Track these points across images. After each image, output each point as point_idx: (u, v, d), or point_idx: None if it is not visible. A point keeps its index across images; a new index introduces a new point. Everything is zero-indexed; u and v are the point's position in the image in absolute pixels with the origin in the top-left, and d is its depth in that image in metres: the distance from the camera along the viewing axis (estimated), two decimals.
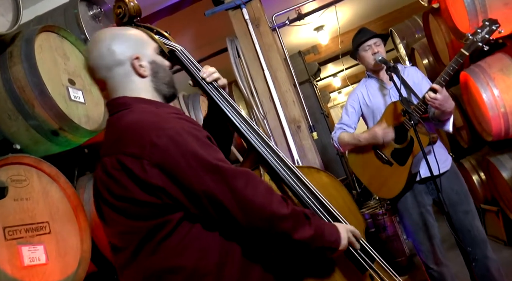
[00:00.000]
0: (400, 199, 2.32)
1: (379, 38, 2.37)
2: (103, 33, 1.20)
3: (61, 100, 1.81)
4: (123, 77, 1.16)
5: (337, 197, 1.42)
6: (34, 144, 1.81)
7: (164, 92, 1.22)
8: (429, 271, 2.25)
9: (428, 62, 3.86)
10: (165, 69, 1.24)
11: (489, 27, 1.97)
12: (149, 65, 1.19)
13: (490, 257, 2.14)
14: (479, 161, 3.60)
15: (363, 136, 2.32)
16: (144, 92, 1.18)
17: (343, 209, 1.41)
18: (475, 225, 2.18)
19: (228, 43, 2.93)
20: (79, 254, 1.61)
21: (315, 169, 1.48)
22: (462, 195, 2.22)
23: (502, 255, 3.18)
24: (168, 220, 1.03)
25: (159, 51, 1.26)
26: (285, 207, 1.06)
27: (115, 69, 1.16)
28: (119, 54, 1.15)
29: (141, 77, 1.18)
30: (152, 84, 1.19)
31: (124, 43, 1.17)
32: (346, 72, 7.35)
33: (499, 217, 3.41)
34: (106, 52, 1.15)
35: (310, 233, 1.09)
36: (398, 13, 5.30)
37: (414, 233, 2.28)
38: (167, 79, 1.23)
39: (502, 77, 2.54)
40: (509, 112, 2.53)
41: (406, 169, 2.20)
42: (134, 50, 1.18)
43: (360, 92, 2.47)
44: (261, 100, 2.85)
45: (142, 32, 1.27)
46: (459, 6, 2.40)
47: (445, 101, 2.01)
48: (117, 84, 1.17)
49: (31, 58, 1.76)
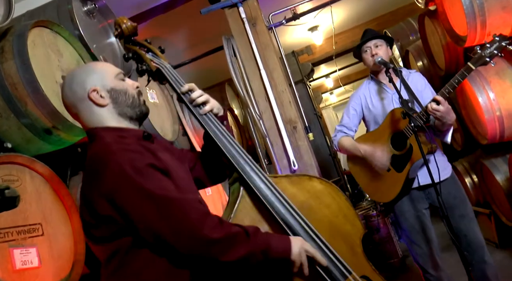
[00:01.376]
0: (396, 203, 2.31)
1: (380, 39, 2.35)
2: (68, 75, 1.35)
3: (55, 98, 1.75)
4: (87, 110, 1.28)
5: (330, 204, 1.40)
6: (26, 143, 1.76)
7: (130, 114, 1.31)
8: (426, 276, 2.25)
9: (423, 64, 3.88)
10: (126, 92, 1.31)
11: (499, 42, 1.93)
12: (108, 93, 1.28)
13: (487, 261, 2.15)
14: (472, 164, 3.62)
15: (364, 149, 2.32)
16: (109, 120, 1.28)
17: (336, 217, 1.39)
18: (472, 229, 2.17)
19: (224, 42, 2.89)
20: (73, 257, 1.57)
21: (307, 177, 1.45)
22: (459, 199, 2.21)
23: (495, 258, 3.18)
24: (120, 244, 1.14)
25: (120, 76, 1.33)
26: (217, 231, 1.11)
27: (79, 105, 1.28)
28: (78, 92, 1.28)
29: (102, 106, 1.27)
30: (115, 111, 1.29)
31: (81, 80, 1.28)
32: (339, 73, 7.36)
33: (491, 220, 3.43)
34: (69, 93, 1.29)
35: (244, 251, 1.14)
36: (392, 15, 5.30)
37: (411, 237, 2.28)
38: (129, 101, 1.31)
39: (498, 81, 2.55)
40: (505, 116, 2.54)
41: (403, 176, 2.20)
42: (91, 83, 1.28)
43: (363, 95, 2.45)
44: (257, 100, 2.82)
45: (102, 63, 1.41)
46: (457, 9, 2.40)
47: (446, 113, 2.00)
48: (85, 117, 1.29)
49: (23, 54, 1.70)
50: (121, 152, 1.16)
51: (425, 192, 2.28)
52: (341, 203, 1.41)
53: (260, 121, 2.77)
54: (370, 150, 2.30)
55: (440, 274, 2.21)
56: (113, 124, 1.28)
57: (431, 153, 2.10)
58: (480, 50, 1.96)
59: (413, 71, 2.48)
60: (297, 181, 1.39)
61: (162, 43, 2.44)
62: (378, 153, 2.26)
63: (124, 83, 1.33)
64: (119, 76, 1.33)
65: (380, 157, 2.25)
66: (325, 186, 1.42)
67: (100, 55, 2.24)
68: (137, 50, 1.50)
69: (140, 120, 1.35)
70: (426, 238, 2.23)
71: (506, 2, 2.20)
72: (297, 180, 1.40)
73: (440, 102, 1.97)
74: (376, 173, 2.33)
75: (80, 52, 2.08)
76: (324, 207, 1.38)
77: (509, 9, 2.19)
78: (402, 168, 2.20)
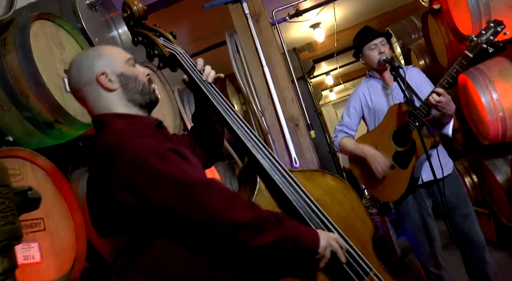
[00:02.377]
0: (401, 203, 2.30)
1: (384, 37, 2.34)
2: (75, 57, 1.28)
3: (57, 92, 1.74)
4: (94, 94, 1.22)
5: (343, 201, 1.38)
6: (27, 136, 1.74)
7: (139, 101, 1.25)
8: (429, 275, 2.25)
9: (425, 63, 3.87)
10: (137, 79, 1.26)
11: (494, 28, 1.92)
12: (117, 78, 1.23)
13: (488, 261, 2.15)
14: (472, 163, 3.62)
15: (368, 150, 2.27)
16: (117, 106, 1.22)
17: (348, 213, 1.38)
18: (474, 229, 2.17)
19: (227, 37, 2.87)
20: (74, 252, 1.56)
21: (320, 172, 1.43)
22: (461, 199, 2.21)
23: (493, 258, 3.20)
24: (135, 235, 1.08)
25: (130, 62, 1.28)
26: (247, 214, 1.07)
27: (86, 88, 1.22)
28: (85, 74, 1.22)
29: (110, 91, 1.22)
30: (124, 96, 1.23)
31: (90, 62, 1.23)
32: (339, 70, 7.34)
33: (490, 219, 3.43)
34: (76, 75, 1.23)
35: (275, 236, 1.09)
36: (394, 13, 5.29)
37: (414, 236, 2.27)
38: (139, 88, 1.25)
39: (501, 81, 2.54)
40: (507, 117, 2.54)
41: (408, 172, 2.18)
42: (100, 66, 1.22)
43: (362, 93, 2.43)
44: (259, 96, 2.80)
45: (112, 48, 1.31)
46: (462, 8, 2.39)
47: (447, 103, 1.99)
48: (92, 101, 1.23)
49: (26, 46, 1.68)
50: (136, 139, 1.10)
51: (429, 190, 2.27)
52: (353, 200, 1.40)
53: (262, 117, 2.76)
54: (373, 153, 2.25)
55: (442, 273, 2.21)
56: (122, 111, 1.22)
57: (434, 147, 2.08)
58: (476, 38, 1.94)
59: (410, 66, 2.47)
60: (311, 176, 1.37)
61: None
62: (379, 158, 2.23)
63: (134, 69, 1.27)
64: (130, 62, 1.27)
65: (382, 163, 2.21)
66: (337, 183, 1.40)
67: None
68: (148, 34, 1.43)
69: (149, 108, 1.30)
70: (429, 238, 2.23)
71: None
72: (311, 175, 1.38)
73: (441, 94, 1.96)
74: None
75: (82, 45, 2.06)
76: (338, 204, 1.36)
77: None
78: (407, 165, 2.18)
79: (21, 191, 0.51)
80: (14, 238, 0.47)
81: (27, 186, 0.51)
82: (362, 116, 2.47)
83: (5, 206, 0.46)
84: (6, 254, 0.46)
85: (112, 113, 1.21)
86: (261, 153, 1.31)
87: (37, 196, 0.53)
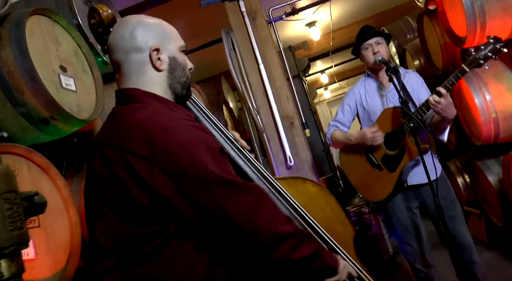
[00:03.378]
0: (388, 203, 2.33)
1: (381, 37, 2.35)
2: (131, 17, 1.17)
3: (53, 88, 1.73)
4: (138, 65, 1.13)
5: (325, 207, 1.42)
6: (22, 133, 1.73)
7: (177, 91, 1.18)
8: (417, 273, 2.28)
9: (420, 63, 3.89)
10: (184, 69, 1.19)
11: (493, 45, 1.91)
12: (168, 60, 1.15)
13: (476, 261, 2.18)
14: (465, 164, 3.66)
15: (354, 135, 2.32)
16: (157, 87, 1.14)
17: (331, 219, 1.41)
18: (461, 230, 2.20)
19: (223, 35, 2.87)
20: (69, 249, 1.55)
21: (301, 179, 1.47)
22: (449, 200, 2.24)
23: (483, 257, 3.23)
24: (162, 229, 1.00)
25: (183, 49, 1.21)
26: (288, 225, 1.04)
27: (132, 54, 1.12)
28: (140, 41, 1.12)
29: (157, 70, 1.14)
30: (167, 80, 1.15)
31: (148, 32, 1.13)
32: (334, 68, 7.36)
33: (481, 219, 3.47)
34: (127, 36, 1.12)
35: (311, 249, 1.05)
36: (390, 13, 5.31)
37: (402, 236, 2.30)
38: (183, 79, 1.18)
39: (495, 83, 2.57)
40: (500, 118, 2.56)
41: (396, 175, 2.21)
42: (156, 41, 1.14)
43: (358, 92, 2.45)
44: (255, 94, 2.81)
45: (172, 27, 1.22)
46: (457, 10, 2.40)
47: (447, 107, 1.96)
48: (131, 71, 1.13)
49: (21, 42, 1.67)
50: (189, 128, 1.03)
51: (415, 192, 2.31)
52: (333, 206, 1.43)
53: (257, 115, 2.77)
54: (359, 133, 2.29)
55: (430, 271, 2.24)
56: (160, 94, 1.13)
57: (425, 152, 2.11)
58: (474, 52, 1.94)
59: (410, 70, 2.48)
60: (293, 183, 1.40)
61: None
62: (366, 130, 2.25)
63: (185, 58, 1.20)
64: (183, 48, 1.20)
65: (371, 132, 2.22)
66: (318, 189, 1.44)
67: (98, 45, 2.21)
68: None
69: (181, 102, 1.22)
70: (417, 237, 2.26)
71: (507, 4, 2.21)
72: (293, 183, 1.41)
73: (443, 95, 1.95)
74: (368, 172, 2.34)
75: (78, 41, 2.05)
76: (321, 210, 1.39)
77: (510, 11, 2.21)
78: (395, 168, 2.22)
79: (28, 196, 0.51)
80: (21, 243, 0.47)
81: (33, 191, 0.51)
82: (357, 114, 2.49)
83: (13, 211, 0.46)
84: (14, 259, 0.47)
85: (150, 92, 1.12)
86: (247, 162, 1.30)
87: (43, 201, 0.53)
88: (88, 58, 2.07)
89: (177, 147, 0.97)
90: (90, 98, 2.01)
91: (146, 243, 1.01)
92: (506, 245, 3.27)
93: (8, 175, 0.49)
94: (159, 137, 0.98)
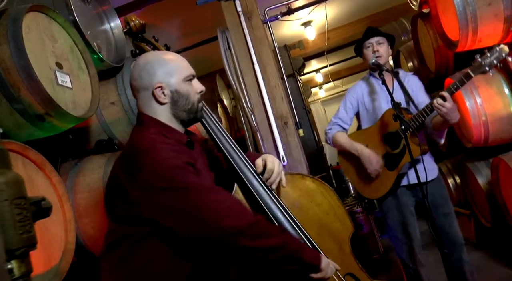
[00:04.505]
0: (384, 200, 2.37)
1: (383, 37, 2.37)
2: (142, 57, 1.40)
3: (49, 85, 1.74)
4: (146, 100, 1.36)
5: (322, 202, 1.44)
6: (18, 129, 1.74)
7: (182, 118, 1.37)
8: (407, 270, 2.32)
9: (413, 65, 3.93)
10: (188, 98, 1.36)
11: (498, 53, 1.95)
12: (171, 93, 1.34)
13: (465, 260, 2.23)
14: (456, 165, 3.71)
15: (361, 150, 2.34)
16: (161, 116, 1.35)
17: (327, 214, 1.44)
18: (454, 227, 2.26)
19: (219, 34, 2.88)
20: (63, 245, 1.57)
21: (300, 175, 1.49)
22: (444, 199, 2.29)
23: (471, 257, 3.27)
24: (141, 230, 1.21)
25: (189, 78, 1.38)
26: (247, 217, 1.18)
27: (141, 92, 1.36)
28: (145, 81, 1.34)
29: (160, 104, 1.34)
30: (170, 111, 1.36)
31: (152, 71, 1.34)
32: (329, 68, 7.39)
33: (470, 220, 3.53)
34: (137, 77, 1.36)
35: (279, 240, 1.18)
36: (385, 14, 5.34)
37: (395, 233, 2.34)
38: (187, 107, 1.37)
39: (485, 86, 2.61)
40: (490, 121, 2.61)
41: (395, 174, 2.25)
42: (159, 78, 1.33)
43: (361, 90, 2.48)
44: (249, 94, 2.83)
45: (177, 60, 1.39)
46: (451, 14, 2.44)
47: (452, 111, 2.01)
48: (142, 104, 1.38)
49: (18, 39, 1.67)
50: (164, 151, 1.22)
51: (413, 191, 2.35)
52: (332, 202, 1.45)
53: (251, 115, 2.79)
54: (367, 153, 2.32)
55: (419, 269, 2.29)
56: (165, 122, 1.35)
57: (424, 153, 2.15)
58: (480, 59, 1.97)
59: (410, 73, 2.52)
60: (290, 179, 1.42)
61: (155, 31, 2.43)
62: (373, 158, 2.29)
63: (189, 88, 1.37)
64: (188, 78, 1.38)
65: (375, 163, 2.28)
66: (317, 185, 1.46)
67: (94, 42, 2.22)
68: (143, 47, 1.59)
69: (189, 124, 1.42)
70: (410, 236, 2.30)
71: (498, 10, 2.25)
72: (290, 179, 1.43)
73: (446, 99, 1.98)
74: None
75: (74, 38, 2.05)
76: (315, 206, 1.42)
77: (501, 17, 2.24)
78: (394, 167, 2.25)
79: (36, 201, 0.54)
80: (30, 246, 0.51)
81: (40, 197, 0.54)
82: (357, 112, 2.52)
83: (23, 216, 0.50)
84: (23, 260, 0.50)
85: (154, 118, 1.35)
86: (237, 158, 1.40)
87: (48, 205, 0.56)
88: (84, 55, 2.08)
89: (146, 166, 1.18)
90: (86, 95, 2.02)
91: (125, 240, 1.23)
92: (494, 245, 3.33)
93: (18, 182, 0.52)
94: (137, 158, 1.22)
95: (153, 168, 1.17)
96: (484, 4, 2.22)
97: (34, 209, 0.54)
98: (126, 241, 1.23)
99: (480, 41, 2.38)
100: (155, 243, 1.21)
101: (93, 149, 2.27)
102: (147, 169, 1.17)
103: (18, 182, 0.51)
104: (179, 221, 1.16)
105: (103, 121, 2.34)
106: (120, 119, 2.33)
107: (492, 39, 2.38)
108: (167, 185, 1.16)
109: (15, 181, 0.51)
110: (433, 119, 2.18)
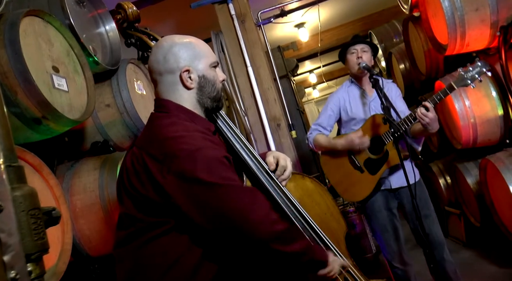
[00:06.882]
0: (367, 203, 2.42)
1: (367, 45, 2.43)
2: (165, 40, 1.31)
3: (45, 88, 1.77)
4: (171, 84, 1.28)
5: (320, 202, 1.49)
6: (14, 132, 1.76)
7: (207, 105, 1.31)
8: (394, 270, 2.38)
9: (405, 67, 3.99)
10: (214, 84, 1.30)
11: (480, 68, 2.06)
12: (198, 78, 1.28)
13: (446, 259, 2.28)
14: (447, 166, 3.77)
15: (340, 142, 2.39)
16: (187, 102, 1.28)
17: (326, 214, 1.48)
18: (434, 229, 2.31)
19: (212, 36, 2.92)
20: (60, 246, 1.60)
21: (300, 175, 1.53)
22: (423, 201, 2.34)
23: (461, 256, 3.37)
24: (164, 222, 1.15)
25: (214, 65, 1.32)
26: (280, 223, 1.14)
27: (166, 75, 1.28)
28: (171, 64, 1.26)
29: (187, 88, 1.27)
30: (196, 97, 1.29)
31: (179, 54, 1.27)
32: (322, 69, 7.45)
33: (460, 219, 3.59)
34: (161, 59, 1.27)
35: (301, 245, 1.17)
36: (378, 16, 5.41)
37: (381, 235, 2.40)
38: (213, 94, 1.30)
39: (474, 90, 2.66)
40: (478, 123, 2.67)
41: (376, 178, 2.31)
42: (186, 62, 1.26)
43: (343, 98, 2.53)
44: (243, 96, 2.88)
45: (203, 44, 1.33)
46: (440, 19, 2.50)
47: (433, 121, 2.09)
48: (165, 89, 1.29)
49: (15, 43, 1.70)
50: (199, 139, 1.16)
51: (395, 193, 2.41)
52: (328, 201, 1.50)
53: (245, 117, 2.83)
54: (346, 139, 2.36)
55: (406, 269, 2.35)
56: (190, 108, 1.28)
57: (405, 159, 2.21)
58: (463, 72, 2.09)
59: (389, 81, 2.58)
60: (292, 179, 1.46)
61: None
62: (353, 136, 2.32)
63: (215, 74, 1.31)
64: (214, 64, 1.32)
65: (359, 138, 2.30)
66: (315, 185, 1.51)
67: (89, 45, 2.25)
68: (142, 37, 1.50)
69: (212, 113, 1.35)
70: (394, 237, 2.36)
71: (485, 15, 2.30)
72: (292, 178, 1.47)
73: (429, 109, 2.06)
74: (349, 173, 2.42)
75: (70, 42, 2.08)
76: (315, 205, 1.46)
77: (487, 22, 2.30)
78: (376, 171, 2.31)
79: (47, 211, 0.60)
80: (44, 250, 0.57)
81: (51, 207, 0.61)
82: (339, 119, 2.57)
83: (37, 224, 0.56)
84: (38, 263, 0.56)
85: (179, 104, 1.27)
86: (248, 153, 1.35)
87: (58, 214, 0.62)
88: (80, 59, 2.11)
89: (184, 153, 1.10)
90: (82, 98, 2.05)
91: (149, 231, 1.16)
92: (483, 244, 3.40)
93: (33, 195, 0.58)
94: (172, 143, 1.13)
95: (192, 156, 1.09)
96: (471, 10, 2.28)
97: (46, 218, 0.60)
98: (148, 231, 1.16)
99: (468, 45, 2.44)
100: (178, 238, 1.15)
101: (89, 150, 2.30)
102: (185, 157, 1.09)
103: (33, 195, 0.57)
104: (215, 220, 1.10)
105: (99, 123, 2.37)
106: (115, 121, 2.36)
107: (480, 44, 2.43)
108: (209, 179, 1.08)
109: (31, 194, 0.57)
110: (411, 127, 2.25)
